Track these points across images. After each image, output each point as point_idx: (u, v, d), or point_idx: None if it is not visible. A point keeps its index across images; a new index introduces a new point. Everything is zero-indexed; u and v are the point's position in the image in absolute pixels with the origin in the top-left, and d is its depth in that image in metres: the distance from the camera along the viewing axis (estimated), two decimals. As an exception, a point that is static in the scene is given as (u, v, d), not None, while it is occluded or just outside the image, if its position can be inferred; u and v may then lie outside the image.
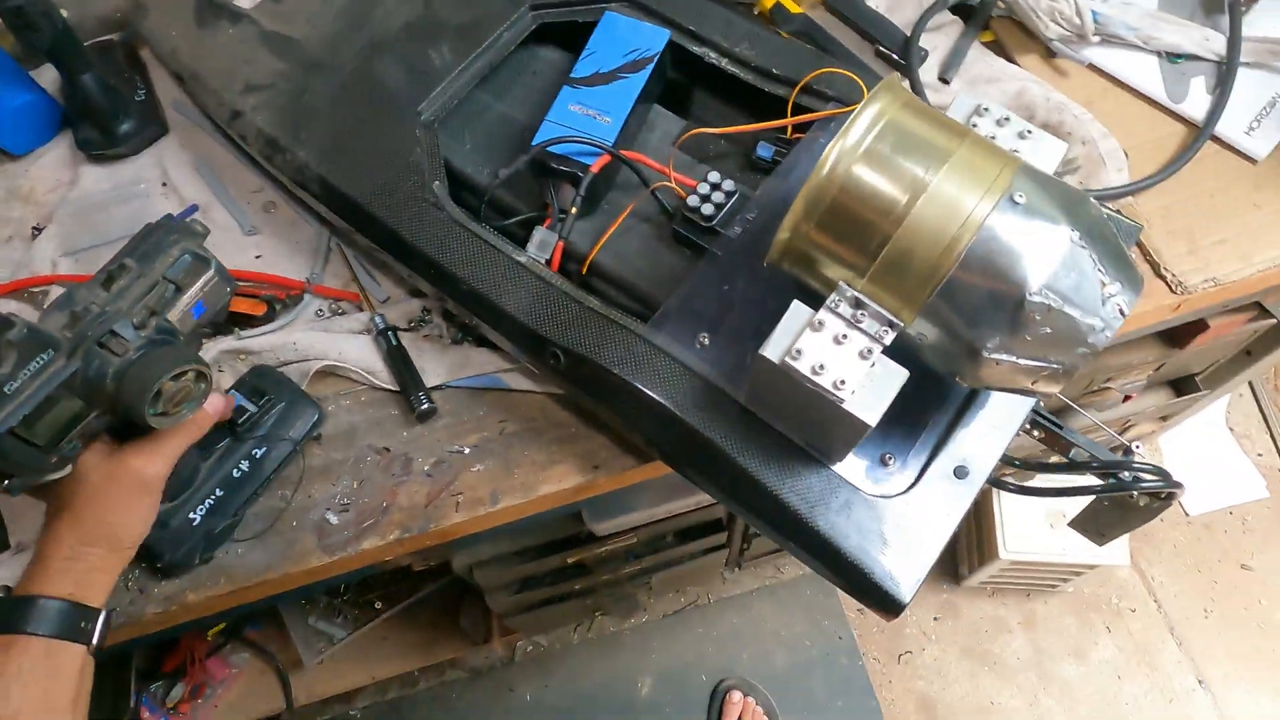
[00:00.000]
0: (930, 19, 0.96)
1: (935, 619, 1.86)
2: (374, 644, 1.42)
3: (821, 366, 0.59)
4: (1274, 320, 1.07)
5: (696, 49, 0.87)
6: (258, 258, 0.92)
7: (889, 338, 0.60)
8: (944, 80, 0.96)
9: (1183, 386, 1.23)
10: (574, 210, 0.79)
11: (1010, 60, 0.97)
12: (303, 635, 1.37)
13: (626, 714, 1.81)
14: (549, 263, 0.79)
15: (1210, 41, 0.94)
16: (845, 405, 0.59)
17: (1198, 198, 0.89)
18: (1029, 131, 0.67)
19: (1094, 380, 1.09)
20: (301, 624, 1.37)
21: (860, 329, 0.60)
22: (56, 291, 0.89)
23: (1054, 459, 0.73)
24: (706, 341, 0.72)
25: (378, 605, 1.38)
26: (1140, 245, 0.87)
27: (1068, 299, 0.55)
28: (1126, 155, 0.90)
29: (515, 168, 0.80)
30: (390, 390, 0.85)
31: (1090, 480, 0.71)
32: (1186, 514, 1.91)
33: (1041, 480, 1.16)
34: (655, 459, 0.79)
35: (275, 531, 0.80)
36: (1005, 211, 0.55)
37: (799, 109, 0.83)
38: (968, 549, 1.80)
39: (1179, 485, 0.68)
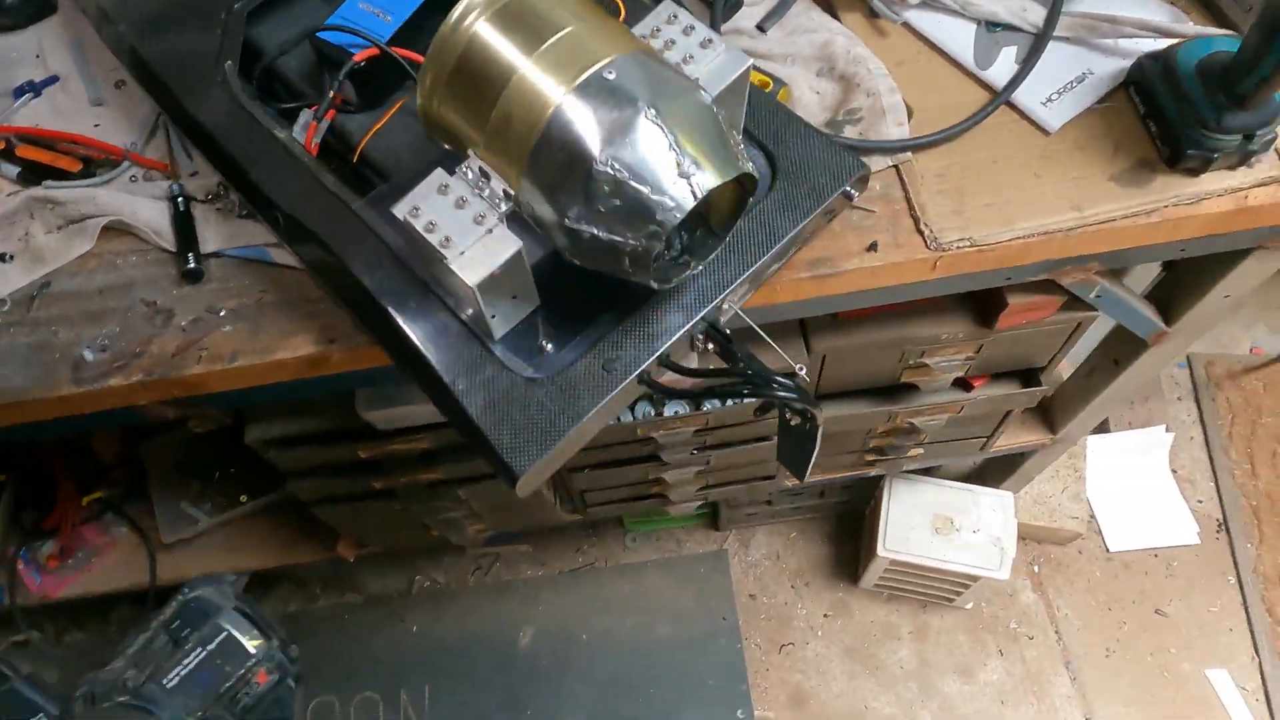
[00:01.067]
0: (755, -33, 0.98)
1: (826, 615, 1.84)
2: (240, 536, 1.49)
3: (434, 225, 0.63)
4: (1094, 313, 1.05)
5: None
6: (96, 126, 0.99)
7: (504, 206, 0.63)
8: (761, 29, 0.97)
9: (1030, 382, 1.20)
10: (334, 95, 0.84)
11: (834, 16, 0.98)
12: (169, 515, 1.45)
13: (504, 661, 1.85)
14: (304, 140, 0.84)
15: (1027, 12, 0.93)
16: (449, 262, 0.62)
17: (980, 162, 0.88)
18: (711, 42, 0.68)
19: (906, 353, 1.08)
20: (171, 505, 1.46)
21: (481, 197, 0.63)
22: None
23: (712, 369, 0.74)
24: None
25: (242, 499, 1.45)
26: (908, 201, 0.87)
27: (634, 173, 0.57)
28: (911, 112, 0.90)
29: (286, 49, 0.86)
30: (170, 252, 0.91)
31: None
32: (1107, 549, 1.84)
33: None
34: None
35: (40, 362, 0.87)
36: (593, 85, 0.58)
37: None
38: (865, 549, 1.78)
39: (815, 404, 0.68)
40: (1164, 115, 0.84)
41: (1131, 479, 1.88)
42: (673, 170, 0.57)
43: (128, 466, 1.51)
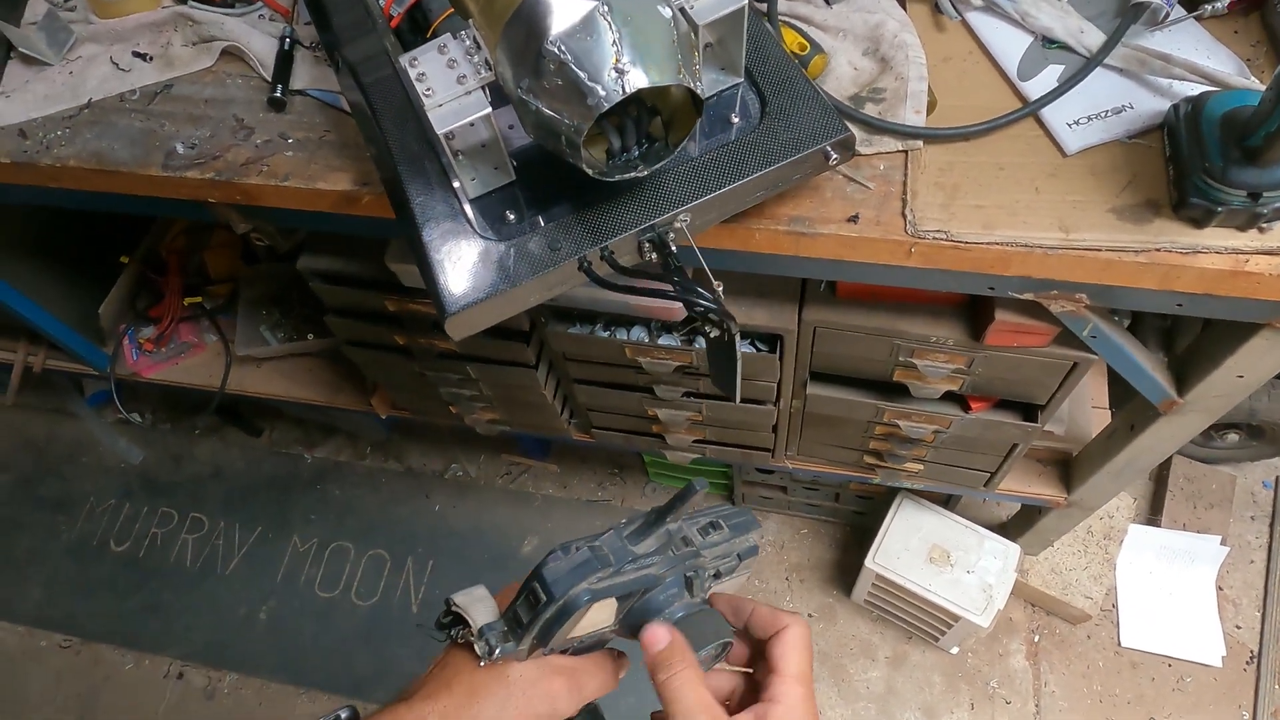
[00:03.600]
0: (837, -58, 1.02)
1: (810, 615, 1.85)
2: (301, 371, 1.67)
3: (424, 75, 0.72)
4: (1092, 356, 1.03)
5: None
6: (248, -31, 1.17)
7: (485, 73, 0.72)
8: (827, 1, 1.01)
9: (1029, 415, 1.19)
10: (421, -26, 0.95)
11: (902, 4, 1.01)
12: (247, 333, 1.65)
13: (503, 559, 1.97)
14: (384, 8, 0.96)
15: (1085, 35, 0.92)
16: (426, 109, 0.72)
17: (986, 166, 0.90)
18: (710, -28, 0.74)
19: (896, 348, 1.09)
20: (252, 325, 1.66)
21: (470, 61, 0.72)
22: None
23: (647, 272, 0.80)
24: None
25: (309, 336, 1.63)
26: (904, 186, 0.90)
27: (578, 59, 0.64)
28: (934, 104, 0.92)
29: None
30: (267, 81, 1.06)
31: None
32: (1119, 642, 1.75)
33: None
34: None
35: (144, 144, 1.04)
36: (565, -22, 0.66)
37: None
38: (860, 560, 1.78)
39: (729, 317, 0.74)
40: (1179, 158, 0.83)
41: (1169, 580, 1.77)
42: (610, 64, 0.64)
43: (230, 283, 1.73)
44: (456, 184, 0.81)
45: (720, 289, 0.78)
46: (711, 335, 0.78)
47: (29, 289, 1.56)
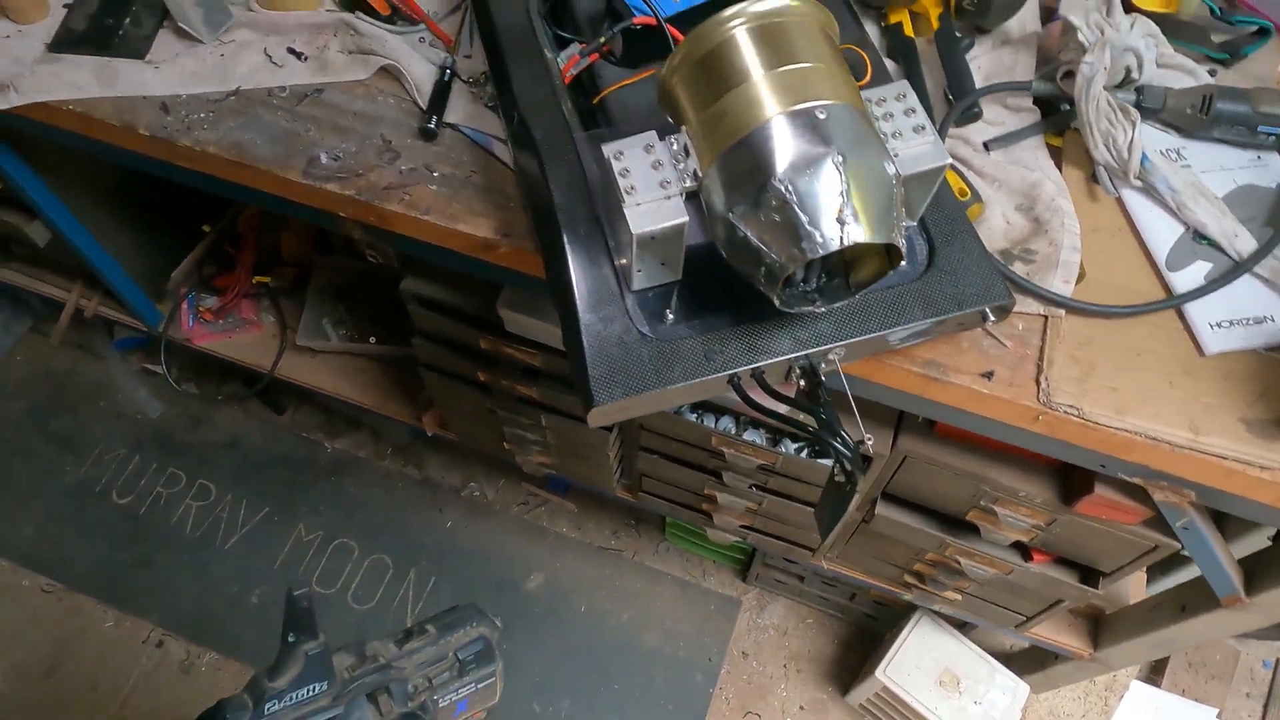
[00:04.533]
0: (1007, 94, 1.04)
1: (801, 708, 1.85)
2: (354, 370, 1.66)
3: (628, 172, 0.73)
4: (1175, 544, 1.04)
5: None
6: (414, -11, 1.17)
7: (689, 183, 0.72)
8: (986, 146, 1.02)
9: (1089, 581, 1.19)
10: (604, 43, 0.96)
11: (1058, 166, 1.02)
12: (310, 324, 1.64)
13: (506, 588, 1.95)
14: (563, 67, 0.96)
15: (1238, 239, 0.94)
16: (624, 206, 0.72)
17: (1125, 348, 0.91)
18: (923, 128, 0.75)
19: (980, 492, 1.10)
20: (316, 317, 1.65)
21: (675, 168, 0.73)
22: None
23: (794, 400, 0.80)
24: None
25: (371, 339, 1.62)
26: (1041, 351, 0.90)
27: (802, 200, 0.65)
28: (1083, 275, 0.93)
29: (586, -8, 0.99)
30: (421, 109, 1.06)
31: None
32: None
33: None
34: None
35: (286, 144, 1.03)
36: (803, 116, 0.66)
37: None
38: (866, 668, 1.77)
39: (860, 467, 0.74)
40: (1320, 386, 0.84)
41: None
42: (834, 213, 0.65)
43: (300, 269, 1.72)
44: (620, 266, 0.81)
45: (869, 441, 0.78)
46: (838, 480, 0.78)
47: (106, 239, 1.54)
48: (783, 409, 0.78)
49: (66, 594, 1.96)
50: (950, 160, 0.75)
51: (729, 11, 0.70)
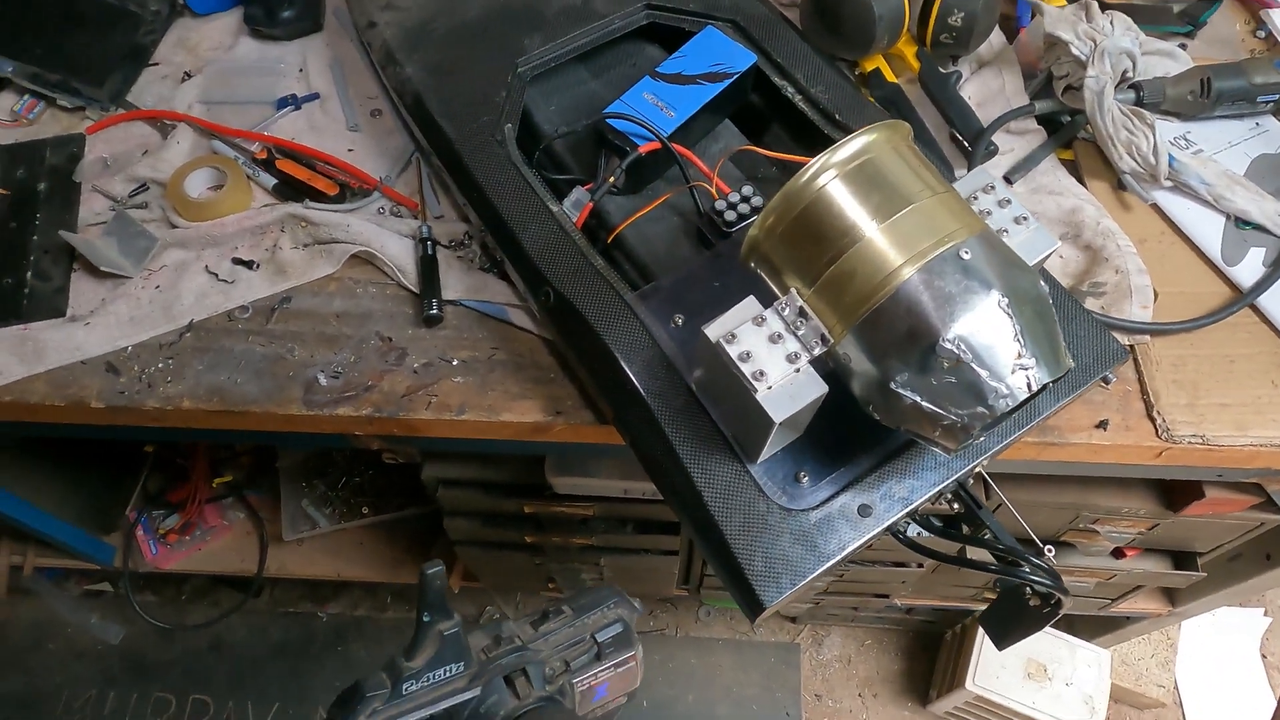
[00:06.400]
0: (1011, 121, 1.00)
1: (889, 732, 1.82)
2: (350, 546, 1.51)
3: (749, 355, 0.64)
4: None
5: (777, 80, 0.94)
6: (350, 150, 1.03)
7: (818, 349, 0.64)
8: (1008, 180, 0.99)
9: (1183, 562, 1.19)
10: (611, 180, 0.86)
11: (1080, 180, 0.99)
12: (291, 512, 1.48)
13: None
14: (576, 219, 0.86)
15: (1281, 218, 0.94)
16: (757, 395, 0.63)
17: (1216, 358, 0.89)
18: (1025, 218, 0.70)
19: (1080, 517, 1.07)
20: (295, 503, 1.48)
21: (796, 335, 0.65)
22: (182, 129, 1.03)
23: (963, 531, 0.74)
24: (680, 323, 0.78)
25: (364, 510, 1.47)
26: (1141, 384, 0.87)
27: (978, 356, 0.58)
28: (1156, 295, 0.91)
29: (576, 129, 0.89)
30: (411, 292, 0.94)
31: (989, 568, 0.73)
32: (1185, 723, 1.80)
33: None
34: (611, 423, 0.84)
35: (272, 375, 0.89)
36: (947, 262, 0.59)
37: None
38: (941, 674, 1.76)
39: (1065, 592, 0.68)
40: None
41: (1220, 657, 1.84)
42: (1013, 359, 0.58)
43: (255, 454, 1.54)
44: (727, 435, 0.73)
45: (1051, 552, 0.73)
46: (1031, 604, 0.72)
47: (33, 492, 1.34)
48: (954, 549, 0.72)
49: None
50: (1059, 243, 0.70)
51: (810, 170, 0.62)
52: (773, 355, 0.64)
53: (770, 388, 0.64)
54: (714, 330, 0.65)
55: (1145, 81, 0.99)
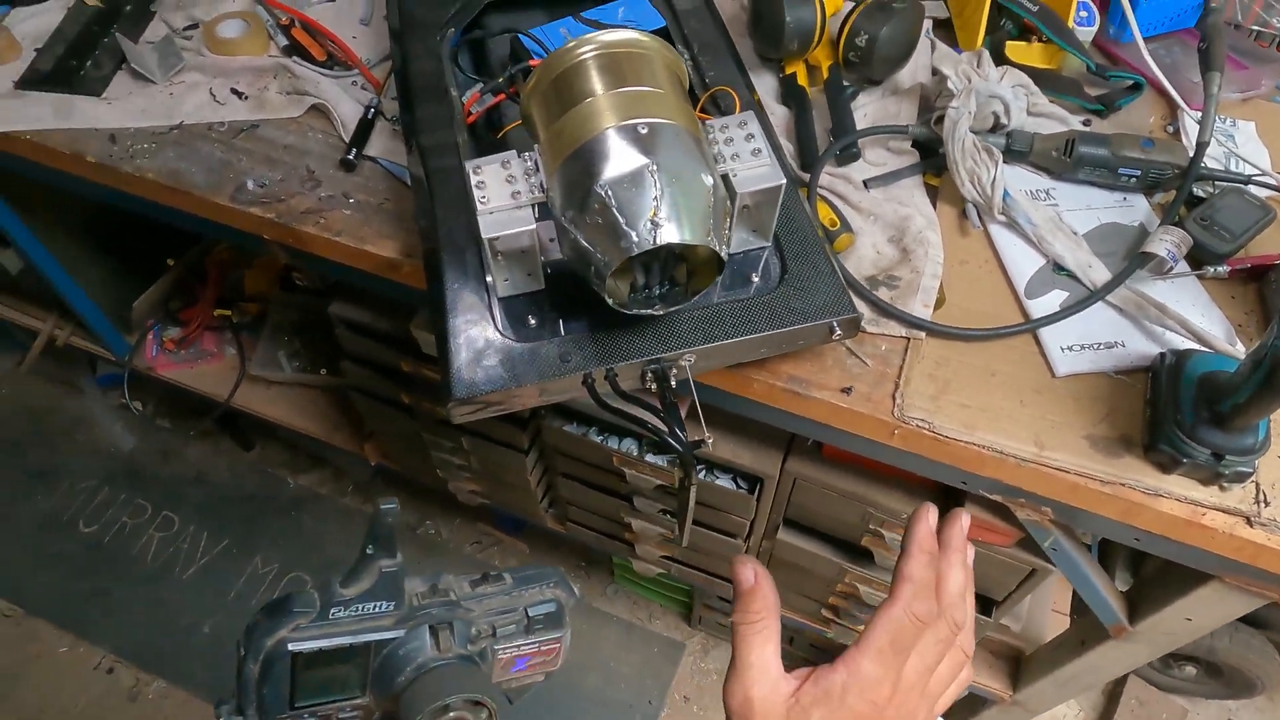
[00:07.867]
0: (890, 140, 1.11)
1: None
2: (304, 401, 1.73)
3: (483, 184, 0.80)
4: (1050, 567, 1.06)
5: (679, 48, 1.10)
6: (354, 37, 1.27)
7: (538, 194, 0.79)
8: (866, 185, 1.09)
9: (985, 609, 1.21)
10: (500, 80, 1.05)
11: (933, 203, 1.08)
12: (265, 355, 1.72)
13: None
14: (466, 102, 1.05)
15: (1092, 270, 0.99)
16: (478, 213, 0.79)
17: (980, 368, 0.95)
18: (760, 152, 0.82)
19: (868, 514, 1.13)
20: (272, 348, 1.72)
21: (527, 180, 0.80)
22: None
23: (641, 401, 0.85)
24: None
25: (321, 371, 1.69)
26: (900, 370, 0.95)
27: (620, 205, 0.71)
28: (943, 302, 0.98)
29: (490, 33, 1.09)
30: (345, 143, 1.15)
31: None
32: None
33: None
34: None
35: (219, 173, 1.12)
36: (628, 131, 0.73)
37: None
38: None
39: (694, 470, 0.78)
40: (1157, 404, 0.88)
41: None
42: (648, 216, 0.71)
43: (263, 306, 1.80)
44: (489, 279, 0.88)
45: (709, 441, 0.83)
46: (685, 485, 0.82)
47: (75, 269, 1.64)
48: (632, 409, 0.83)
49: (26, 619, 2.00)
50: (784, 181, 0.82)
51: (581, 39, 0.78)
52: (502, 190, 0.79)
53: (491, 212, 0.79)
54: (470, 163, 0.82)
55: (1016, 131, 1.08)
